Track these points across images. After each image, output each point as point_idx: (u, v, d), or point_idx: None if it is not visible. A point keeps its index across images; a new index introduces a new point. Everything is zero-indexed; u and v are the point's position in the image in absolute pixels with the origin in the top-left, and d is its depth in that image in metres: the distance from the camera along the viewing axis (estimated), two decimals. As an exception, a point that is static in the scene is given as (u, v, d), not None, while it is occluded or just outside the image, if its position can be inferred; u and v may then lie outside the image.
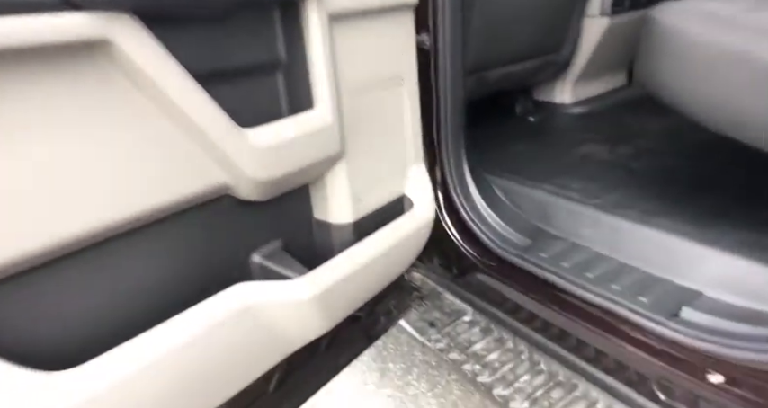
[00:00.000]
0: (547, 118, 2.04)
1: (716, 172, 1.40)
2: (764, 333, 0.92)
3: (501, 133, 1.86)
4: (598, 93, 2.14)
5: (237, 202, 0.83)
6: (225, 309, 0.78)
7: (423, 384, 1.71)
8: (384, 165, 1.05)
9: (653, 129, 1.75)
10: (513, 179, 1.51)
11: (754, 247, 1.06)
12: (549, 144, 1.76)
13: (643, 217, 1.22)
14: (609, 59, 2.04)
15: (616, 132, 1.78)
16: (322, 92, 0.83)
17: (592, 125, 1.90)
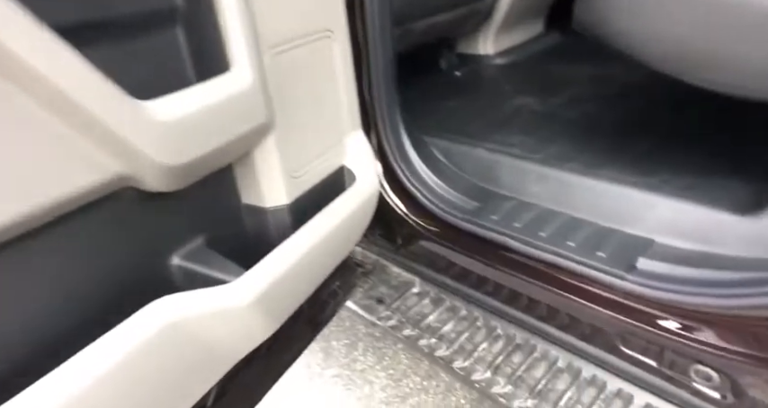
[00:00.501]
0: (472, 71, 1.96)
1: (651, 117, 1.40)
2: (716, 277, 0.92)
3: (430, 90, 1.76)
4: (519, 43, 2.09)
5: (142, 196, 0.65)
6: (145, 332, 0.62)
7: (369, 357, 1.64)
8: (319, 134, 0.90)
9: (580, 77, 1.73)
10: (451, 139, 1.42)
11: (697, 190, 1.05)
12: (480, 98, 1.68)
13: (588, 169, 1.18)
14: (527, 8, 1.98)
15: (544, 82, 1.74)
16: (238, 48, 0.66)
17: (518, 76, 1.85)
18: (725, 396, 0.92)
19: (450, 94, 1.71)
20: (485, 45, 2.01)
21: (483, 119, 1.50)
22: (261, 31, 0.71)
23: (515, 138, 1.36)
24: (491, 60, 2.01)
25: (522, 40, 2.11)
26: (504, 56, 2.01)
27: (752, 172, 1.03)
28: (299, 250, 0.79)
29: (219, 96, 0.64)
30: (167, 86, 0.63)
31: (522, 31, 2.09)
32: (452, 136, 1.43)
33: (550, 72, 1.84)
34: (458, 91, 1.76)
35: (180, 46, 0.66)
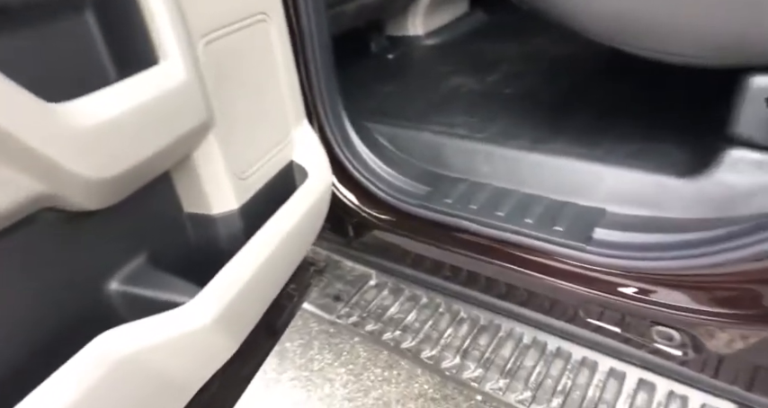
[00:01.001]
0: (404, 53, 1.92)
1: (585, 89, 1.42)
2: (667, 240, 0.95)
3: (364, 75, 1.70)
4: (446, 23, 2.08)
5: (65, 216, 0.55)
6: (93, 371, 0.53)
7: (326, 355, 1.58)
8: (264, 129, 0.82)
9: (511, 54, 1.74)
10: (394, 124, 1.37)
11: (640, 157, 1.08)
12: (417, 80, 1.65)
13: (534, 144, 1.19)
14: (453, -14, 1.97)
15: (477, 60, 1.73)
16: (167, 37, 0.57)
17: (450, 55, 1.84)
18: (686, 353, 0.96)
19: (387, 78, 1.66)
20: (414, 26, 1.97)
21: (423, 101, 1.47)
22: (189, 17, 0.61)
23: (459, 119, 1.34)
24: (421, 41, 1.98)
25: (449, 20, 2.09)
26: (433, 36, 1.99)
27: (688, 137, 1.08)
28: (257, 258, 0.72)
29: (149, 94, 0.55)
30: (80, 86, 0.53)
31: (448, 11, 2.07)
32: (395, 121, 1.38)
33: (481, 50, 1.83)
34: (394, 74, 1.71)
35: (92, 35, 0.56)
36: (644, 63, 0.96)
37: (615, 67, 1.48)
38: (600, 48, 1.01)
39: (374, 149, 1.27)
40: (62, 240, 0.57)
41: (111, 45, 0.57)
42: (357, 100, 1.48)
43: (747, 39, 0.82)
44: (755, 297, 0.86)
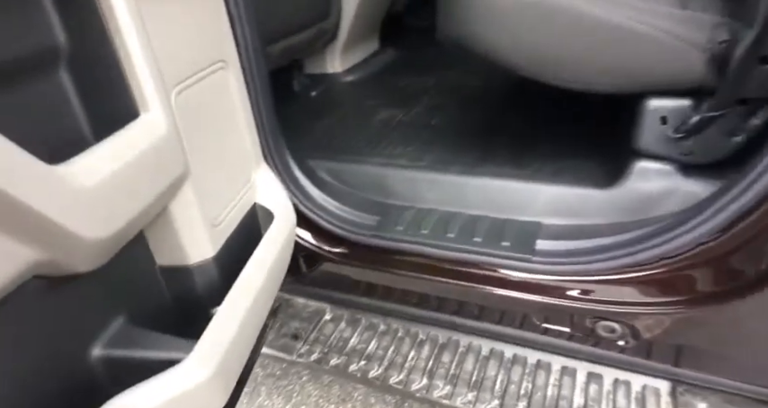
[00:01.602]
0: (326, 90, 1.98)
1: (505, 114, 1.57)
2: (598, 244, 1.08)
3: (294, 113, 1.73)
4: (361, 60, 2.18)
5: (48, 283, 0.52)
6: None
7: (276, 400, 1.54)
8: (231, 174, 0.82)
9: (429, 86, 1.86)
10: (334, 159, 1.41)
11: (564, 174, 1.22)
12: (347, 116, 1.71)
13: (471, 169, 1.29)
14: (365, 24, 2.08)
15: (399, 94, 1.84)
16: (148, 89, 0.57)
17: (373, 90, 1.93)
18: (627, 342, 1.08)
19: (316, 115, 1.71)
20: (332, 63, 2.05)
21: (359, 135, 1.53)
22: (162, 67, 0.62)
23: (397, 150, 1.42)
24: (341, 78, 2.06)
25: (364, 57, 2.20)
26: (351, 73, 2.08)
27: (602, 153, 1.23)
28: (241, 307, 0.71)
29: (138, 147, 0.54)
30: (57, 143, 0.52)
31: (362, 49, 2.18)
32: (335, 155, 1.42)
33: (400, 84, 1.95)
34: (322, 111, 1.76)
35: (67, 92, 0.55)
36: (556, 89, 1.10)
37: (529, 94, 1.65)
38: (512, 77, 1.14)
39: (319, 185, 1.30)
40: (44, 308, 0.53)
41: (87, 100, 0.56)
42: (294, 138, 1.50)
43: (641, 72, 0.98)
44: (673, 286, 1.00)
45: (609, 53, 0.99)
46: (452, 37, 1.14)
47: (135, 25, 0.54)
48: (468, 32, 1.10)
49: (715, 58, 0.92)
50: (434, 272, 1.19)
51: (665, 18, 0.96)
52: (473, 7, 1.04)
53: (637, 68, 0.99)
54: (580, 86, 1.06)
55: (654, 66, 0.96)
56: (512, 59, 1.08)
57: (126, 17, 0.53)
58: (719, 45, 0.91)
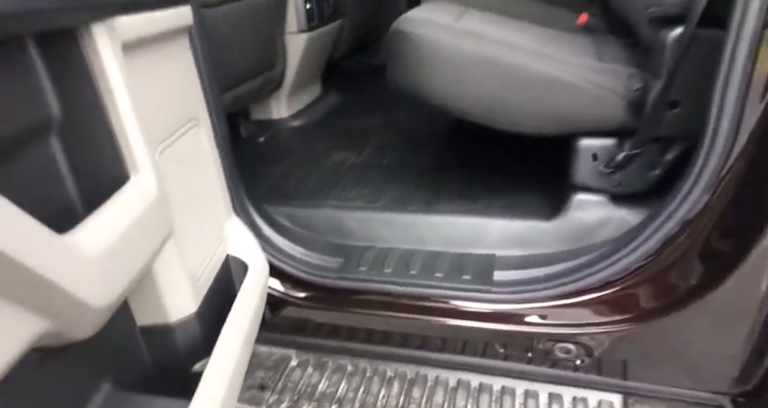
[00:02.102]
0: (274, 135, 2.01)
1: (451, 153, 1.67)
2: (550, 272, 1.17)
3: (246, 160, 1.74)
4: (306, 104, 2.24)
5: (44, 354, 0.52)
6: None
7: None
8: (206, 226, 0.83)
9: (375, 128, 1.95)
10: (292, 204, 1.44)
11: (513, 207, 1.32)
12: (298, 160, 1.74)
13: (426, 206, 1.36)
14: (309, 71, 2.15)
15: (347, 136, 1.91)
16: (138, 152, 0.58)
17: (321, 134, 1.99)
18: (582, 361, 1.17)
19: (269, 161, 1.73)
20: (279, 109, 2.09)
21: (314, 178, 1.57)
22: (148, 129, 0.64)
23: (353, 192, 1.47)
24: (287, 123, 2.10)
25: (309, 101, 2.26)
26: (298, 117, 2.13)
27: (544, 187, 1.35)
28: (230, 362, 0.72)
29: (134, 212, 0.56)
30: (48, 210, 0.52)
31: (307, 94, 2.25)
32: (294, 201, 1.45)
33: (347, 127, 2.02)
34: (273, 156, 1.78)
35: (56, 159, 0.56)
36: (498, 133, 1.21)
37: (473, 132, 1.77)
38: (454, 117, 1.24)
39: (280, 231, 1.32)
40: (34, 380, 0.52)
41: (78, 164, 0.57)
42: (250, 185, 1.52)
43: (572, 117, 1.11)
44: (619, 305, 1.11)
45: (543, 101, 1.11)
46: (402, 84, 1.23)
47: (126, 91, 0.56)
48: (416, 80, 1.19)
49: (632, 104, 1.06)
50: (399, 309, 1.23)
51: (588, 70, 1.10)
52: (421, 58, 1.14)
53: (568, 114, 1.11)
54: (521, 129, 1.18)
55: (582, 112, 1.09)
56: (457, 106, 1.18)
57: (118, 84, 0.55)
58: (634, 92, 1.06)
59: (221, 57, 1.44)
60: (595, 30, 1.51)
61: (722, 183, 0.86)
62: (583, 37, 1.40)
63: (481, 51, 1.08)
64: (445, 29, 1.14)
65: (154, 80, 0.67)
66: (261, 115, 2.08)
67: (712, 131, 0.84)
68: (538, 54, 1.12)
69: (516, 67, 1.08)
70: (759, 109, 0.79)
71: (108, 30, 0.53)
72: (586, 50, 1.24)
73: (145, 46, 0.63)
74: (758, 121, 0.80)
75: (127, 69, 0.58)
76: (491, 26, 1.21)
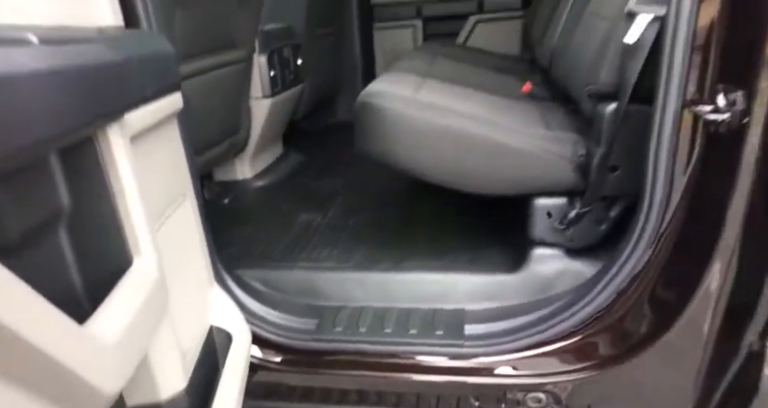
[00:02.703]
0: (238, 197, 2.04)
1: (414, 211, 1.75)
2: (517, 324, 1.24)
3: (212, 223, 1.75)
4: (268, 165, 2.29)
5: None
6: None
7: None
8: (193, 298, 0.84)
9: (338, 188, 2.02)
10: (262, 267, 1.46)
11: (477, 262, 1.40)
12: (265, 222, 1.77)
13: (395, 264, 1.42)
14: (272, 133, 2.22)
15: (312, 197, 1.96)
16: (142, 235, 0.61)
17: (285, 194, 2.03)
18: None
19: (236, 223, 1.75)
20: (242, 170, 2.13)
21: (283, 240, 1.60)
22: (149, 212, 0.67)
23: (323, 252, 1.51)
24: (251, 184, 2.13)
25: (271, 162, 2.32)
26: (261, 178, 2.17)
27: (506, 242, 1.44)
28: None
29: (141, 295, 0.58)
30: (53, 299, 0.54)
31: (269, 154, 2.30)
32: (265, 263, 1.47)
33: (311, 187, 2.08)
34: (240, 218, 1.80)
35: (63, 249, 0.58)
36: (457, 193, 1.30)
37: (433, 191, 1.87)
38: (412, 183, 1.33)
39: (252, 294, 1.33)
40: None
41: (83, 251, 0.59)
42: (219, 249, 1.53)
43: (527, 180, 1.23)
44: (583, 353, 1.18)
45: (500, 166, 1.22)
46: (369, 151, 1.32)
47: (134, 180, 0.60)
48: (382, 149, 1.28)
49: (578, 167, 1.19)
50: (374, 368, 1.25)
51: (538, 138, 1.23)
52: (386, 128, 1.23)
53: (523, 177, 1.23)
54: (481, 191, 1.28)
55: (535, 175, 1.21)
56: (421, 172, 1.27)
57: (127, 175, 0.59)
58: (579, 157, 1.19)
59: (191, 125, 1.48)
60: (539, 97, 1.68)
61: (661, 240, 0.98)
62: (530, 105, 1.56)
63: (441, 122, 1.19)
64: (407, 101, 1.24)
65: (153, 164, 0.71)
66: (224, 176, 2.11)
67: (649, 196, 0.96)
68: (493, 124, 1.24)
69: (473, 137, 1.19)
70: (685, 177, 0.92)
71: (120, 127, 0.57)
72: (535, 119, 1.38)
73: (145, 134, 0.67)
74: (686, 186, 0.93)
75: (133, 158, 0.62)
76: (449, 98, 1.33)
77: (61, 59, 0.43)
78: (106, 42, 0.54)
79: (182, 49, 1.36)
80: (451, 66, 2.05)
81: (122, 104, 0.55)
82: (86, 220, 0.59)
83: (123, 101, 0.55)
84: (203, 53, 1.51)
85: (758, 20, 0.77)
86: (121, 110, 0.55)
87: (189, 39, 1.39)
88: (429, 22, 3.08)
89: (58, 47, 0.44)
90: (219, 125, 1.71)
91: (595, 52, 1.19)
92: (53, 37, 0.46)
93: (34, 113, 0.39)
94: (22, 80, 0.37)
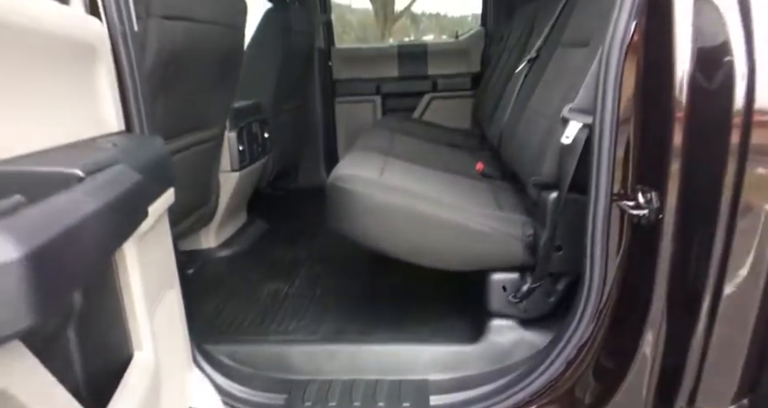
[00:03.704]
0: (203, 267, 2.06)
1: (378, 283, 1.83)
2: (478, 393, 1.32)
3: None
4: (233, 233, 2.33)
5: None
6: None
7: None
8: (175, 382, 0.87)
9: (303, 257, 2.08)
10: (231, 341, 1.48)
11: (439, 333, 1.48)
12: (232, 293, 1.80)
13: (361, 336, 1.48)
14: (238, 203, 2.29)
15: (277, 266, 2.01)
16: (144, 333, 0.67)
17: (251, 264, 2.07)
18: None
19: (201, 295, 1.77)
20: (207, 240, 2.16)
21: (251, 312, 1.63)
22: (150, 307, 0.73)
23: (291, 324, 1.55)
24: (216, 253, 2.16)
25: (235, 230, 2.36)
26: (226, 247, 2.21)
27: (465, 314, 1.54)
28: None
29: (144, 388, 0.63)
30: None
31: (234, 222, 2.35)
32: (232, 338, 1.49)
33: (276, 256, 2.14)
34: (206, 289, 1.82)
35: (70, 349, 0.63)
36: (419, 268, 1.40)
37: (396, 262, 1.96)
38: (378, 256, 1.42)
39: (220, 369, 1.34)
40: None
41: (87, 349, 0.64)
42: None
43: (482, 257, 1.35)
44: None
45: (458, 244, 1.35)
46: (339, 229, 1.41)
47: (140, 279, 0.66)
48: (351, 227, 1.38)
49: (528, 246, 1.33)
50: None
51: (491, 218, 1.37)
52: (354, 209, 1.35)
53: (478, 254, 1.35)
54: (442, 266, 1.39)
55: (489, 253, 1.34)
56: (386, 249, 1.37)
57: (135, 277, 0.65)
58: (528, 237, 1.33)
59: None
60: (491, 175, 1.86)
61: (602, 314, 1.10)
62: (483, 184, 1.72)
63: (403, 204, 1.32)
64: (373, 184, 1.36)
65: (150, 259, 0.77)
66: (188, 246, 2.13)
67: (589, 275, 1.09)
68: (451, 206, 1.37)
69: (433, 218, 1.31)
70: (618, 259, 1.07)
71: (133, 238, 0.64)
72: (488, 199, 1.53)
73: (147, 233, 0.74)
74: (618, 268, 1.07)
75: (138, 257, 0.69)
76: (410, 180, 1.47)
77: (107, 192, 0.50)
78: (129, 161, 0.63)
79: (161, 133, 1.44)
80: (410, 143, 2.23)
81: (141, 216, 0.63)
82: (93, 318, 0.65)
83: (142, 212, 0.63)
84: (180, 134, 1.60)
85: (664, 135, 0.95)
86: (140, 221, 0.63)
87: (168, 123, 1.48)
88: (388, 98, 3.32)
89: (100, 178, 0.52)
90: (190, 200, 1.77)
91: (538, 147, 1.37)
92: (91, 166, 0.54)
93: (92, 240, 0.46)
94: (86, 217, 0.45)
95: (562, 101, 1.29)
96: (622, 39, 1.00)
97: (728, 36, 0.88)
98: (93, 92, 0.79)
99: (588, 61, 1.24)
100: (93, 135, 0.77)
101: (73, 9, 0.80)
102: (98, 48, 0.81)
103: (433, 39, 11.51)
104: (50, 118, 0.65)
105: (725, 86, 0.89)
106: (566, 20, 1.76)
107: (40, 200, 0.46)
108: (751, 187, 0.92)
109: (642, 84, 0.99)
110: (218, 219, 2.13)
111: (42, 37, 0.59)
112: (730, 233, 0.94)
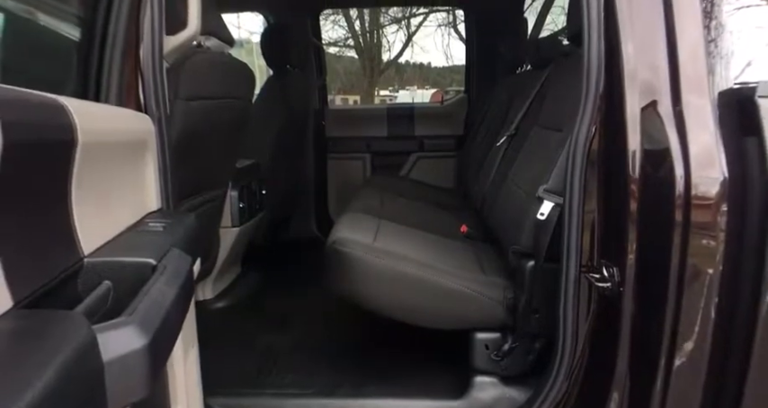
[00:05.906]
0: (199, 318, 2.12)
1: (370, 338, 1.93)
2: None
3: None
4: (228, 285, 2.42)
5: None
6: None
7: None
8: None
9: (296, 308, 2.18)
10: (228, 393, 1.55)
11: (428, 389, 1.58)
12: (228, 344, 1.87)
13: (356, 390, 1.57)
14: (235, 257, 2.39)
15: (272, 318, 2.10)
16: (181, 391, 0.78)
17: (246, 315, 2.15)
18: None
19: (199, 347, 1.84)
20: (203, 292, 2.25)
21: (247, 364, 1.71)
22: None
23: (287, 378, 1.64)
24: (212, 305, 2.24)
25: (230, 282, 2.45)
26: (221, 299, 2.29)
27: (451, 371, 1.64)
28: None
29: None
30: None
31: (229, 274, 2.44)
32: (229, 390, 1.57)
33: (269, 308, 2.23)
34: (202, 341, 1.89)
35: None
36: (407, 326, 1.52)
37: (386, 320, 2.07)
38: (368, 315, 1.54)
39: (221, 424, 1.42)
40: None
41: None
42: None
43: (466, 317, 1.49)
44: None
45: (444, 306, 1.48)
46: (336, 291, 1.54)
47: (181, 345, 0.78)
48: (348, 288, 1.51)
49: (509, 308, 1.47)
50: None
51: (475, 282, 1.51)
52: (350, 274, 1.47)
53: (463, 315, 1.49)
54: (432, 326, 1.52)
55: (473, 314, 1.48)
56: (380, 310, 1.50)
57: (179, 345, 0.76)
58: (509, 300, 1.47)
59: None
60: (474, 238, 2.01)
61: (574, 373, 1.23)
62: (467, 246, 1.88)
63: (396, 268, 1.46)
64: (367, 249, 1.50)
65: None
66: (186, 298, 2.21)
67: (562, 337, 1.23)
68: (439, 270, 1.52)
69: (423, 281, 1.45)
70: (587, 324, 1.21)
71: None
72: (472, 262, 1.68)
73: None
74: (587, 332, 1.21)
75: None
76: (403, 245, 1.61)
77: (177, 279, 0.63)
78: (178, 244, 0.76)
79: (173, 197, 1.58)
80: (400, 204, 2.39)
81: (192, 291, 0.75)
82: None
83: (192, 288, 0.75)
84: (189, 196, 1.73)
85: (621, 218, 1.12)
86: (191, 296, 0.75)
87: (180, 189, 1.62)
88: (377, 156, 3.52)
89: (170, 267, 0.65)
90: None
91: (517, 218, 1.53)
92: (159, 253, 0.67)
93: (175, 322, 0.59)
94: (171, 304, 0.57)
95: (538, 179, 1.47)
96: (586, 137, 1.19)
97: (669, 141, 1.06)
98: (142, 178, 0.93)
99: (560, 146, 1.43)
100: (141, 214, 0.91)
101: (128, 110, 0.95)
102: (148, 141, 0.96)
103: (416, 88, 12.14)
104: (116, 207, 0.78)
105: (667, 180, 1.07)
106: (541, 101, 1.99)
107: (130, 288, 0.58)
108: (694, 256, 1.07)
109: (603, 175, 1.17)
110: (215, 272, 2.23)
111: (122, 146, 0.73)
112: (679, 298, 1.09)
